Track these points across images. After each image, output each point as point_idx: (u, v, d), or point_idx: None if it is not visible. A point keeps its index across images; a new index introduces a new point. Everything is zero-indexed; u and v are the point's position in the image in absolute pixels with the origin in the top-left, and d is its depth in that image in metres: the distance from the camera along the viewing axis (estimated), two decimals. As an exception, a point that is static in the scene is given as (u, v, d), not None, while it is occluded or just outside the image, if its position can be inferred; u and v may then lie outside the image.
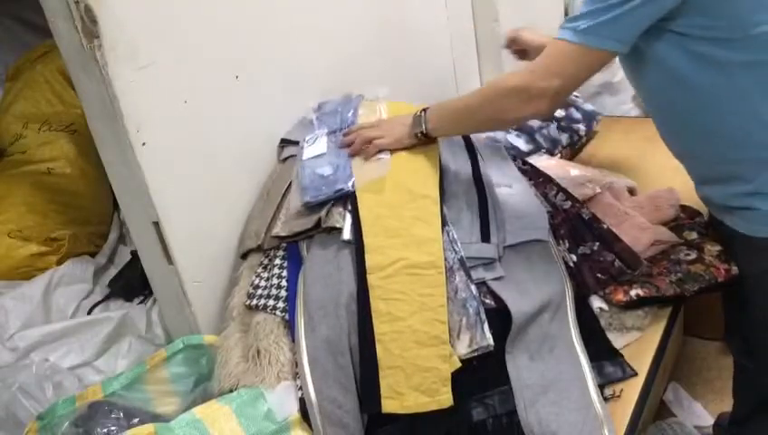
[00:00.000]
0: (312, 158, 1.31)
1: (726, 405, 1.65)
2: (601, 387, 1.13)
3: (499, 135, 1.77)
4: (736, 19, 1.05)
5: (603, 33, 1.08)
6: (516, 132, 1.79)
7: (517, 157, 1.57)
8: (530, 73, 1.16)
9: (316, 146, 1.33)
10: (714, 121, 1.14)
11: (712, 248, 1.34)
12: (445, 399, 1.01)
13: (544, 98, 1.14)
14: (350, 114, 1.40)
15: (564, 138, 1.84)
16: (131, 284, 1.70)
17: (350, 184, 1.21)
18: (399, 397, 1.02)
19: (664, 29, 1.09)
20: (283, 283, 1.19)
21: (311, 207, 1.21)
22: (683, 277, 1.27)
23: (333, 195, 1.20)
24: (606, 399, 1.12)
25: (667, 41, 1.10)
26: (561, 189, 1.41)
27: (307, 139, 1.37)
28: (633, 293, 1.24)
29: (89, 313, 1.64)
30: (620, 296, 1.24)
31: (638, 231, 1.37)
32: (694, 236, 1.41)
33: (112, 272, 1.82)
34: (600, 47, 1.09)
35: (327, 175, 1.24)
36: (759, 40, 1.05)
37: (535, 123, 1.82)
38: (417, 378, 1.02)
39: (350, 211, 1.18)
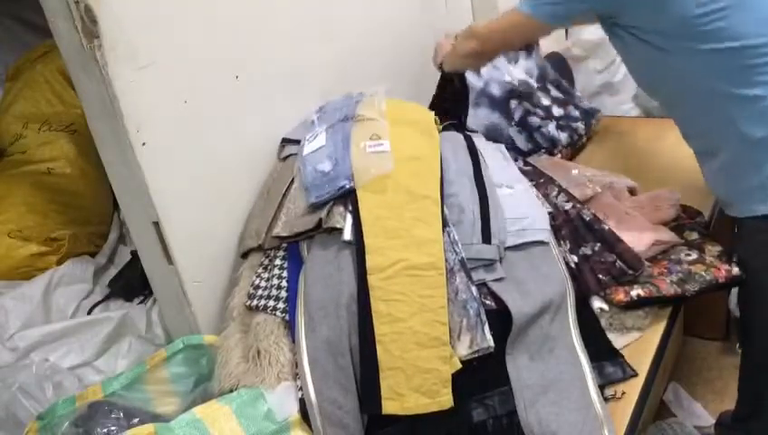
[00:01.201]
0: (312, 152, 1.30)
1: (727, 405, 1.65)
2: (602, 387, 1.13)
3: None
4: (671, 13, 1.17)
5: (543, 9, 1.31)
6: (517, 129, 1.78)
7: (518, 157, 1.57)
8: (487, 22, 1.49)
9: (316, 142, 1.33)
10: (683, 96, 1.28)
11: (713, 248, 1.35)
12: (445, 400, 1.01)
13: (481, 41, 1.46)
14: (350, 109, 1.40)
15: (564, 137, 1.83)
16: (131, 284, 1.70)
17: (350, 180, 1.21)
18: (400, 398, 1.02)
19: (616, 25, 1.27)
20: (284, 283, 1.19)
21: (312, 207, 1.21)
22: (683, 277, 1.27)
23: (336, 192, 1.20)
24: (606, 399, 1.12)
25: (621, 35, 1.28)
26: (562, 190, 1.41)
27: (308, 137, 1.36)
28: (634, 293, 1.24)
29: (89, 313, 1.64)
30: (621, 297, 1.24)
31: (639, 231, 1.36)
32: (694, 236, 1.41)
33: (112, 272, 1.82)
34: (535, 18, 1.33)
35: (327, 171, 1.24)
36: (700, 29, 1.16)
37: (535, 122, 1.81)
38: (418, 379, 1.02)
39: (350, 212, 1.18)
